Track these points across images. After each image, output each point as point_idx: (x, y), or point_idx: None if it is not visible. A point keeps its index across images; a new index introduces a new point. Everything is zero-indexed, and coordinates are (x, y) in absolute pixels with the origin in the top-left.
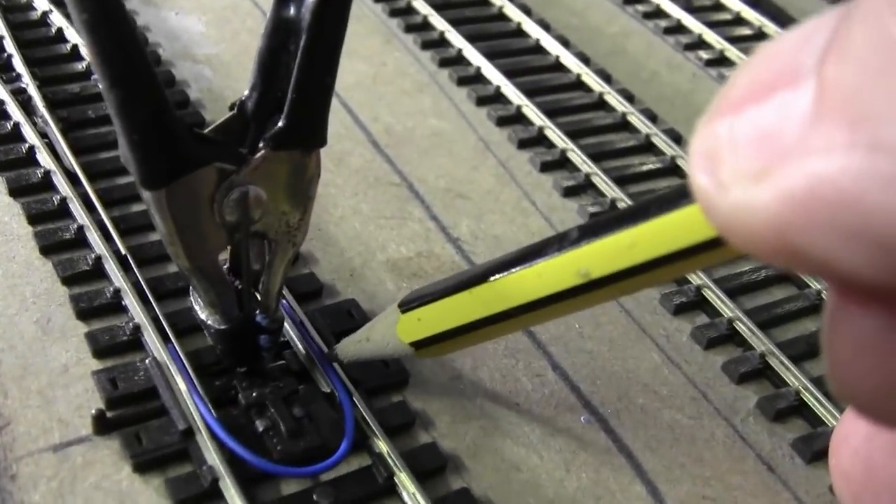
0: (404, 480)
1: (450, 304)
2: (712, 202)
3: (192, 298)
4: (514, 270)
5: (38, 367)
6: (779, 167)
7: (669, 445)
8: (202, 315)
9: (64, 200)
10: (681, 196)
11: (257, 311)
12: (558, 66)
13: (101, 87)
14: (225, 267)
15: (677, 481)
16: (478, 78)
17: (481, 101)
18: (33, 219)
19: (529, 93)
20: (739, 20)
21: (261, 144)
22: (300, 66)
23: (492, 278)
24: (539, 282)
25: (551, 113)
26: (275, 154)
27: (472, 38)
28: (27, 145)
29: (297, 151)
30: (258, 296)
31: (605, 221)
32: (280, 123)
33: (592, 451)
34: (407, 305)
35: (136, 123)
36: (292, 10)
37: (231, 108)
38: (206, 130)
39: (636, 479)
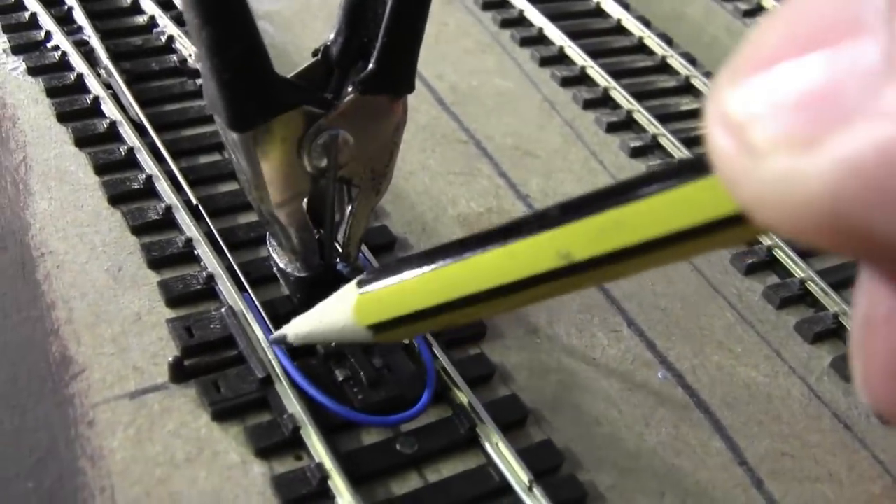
0: (487, 431)
1: (415, 283)
2: (740, 172)
3: (269, 247)
4: (487, 249)
5: (110, 314)
6: (838, 132)
7: (746, 402)
8: (281, 263)
9: (131, 150)
10: (681, 170)
11: (337, 260)
12: (620, 29)
13: (191, 26)
14: None
15: (756, 437)
16: (540, 39)
17: (545, 62)
18: (100, 168)
19: (593, 54)
20: None
21: (349, 89)
22: (392, 11)
23: (460, 257)
24: (514, 262)
25: (615, 75)
26: (363, 99)
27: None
28: (91, 96)
29: (385, 97)
30: (339, 244)
31: (592, 197)
32: (369, 67)
33: (670, 407)
34: (366, 284)
35: (228, 63)
36: None
37: (314, 53)
38: (290, 76)
39: (715, 435)
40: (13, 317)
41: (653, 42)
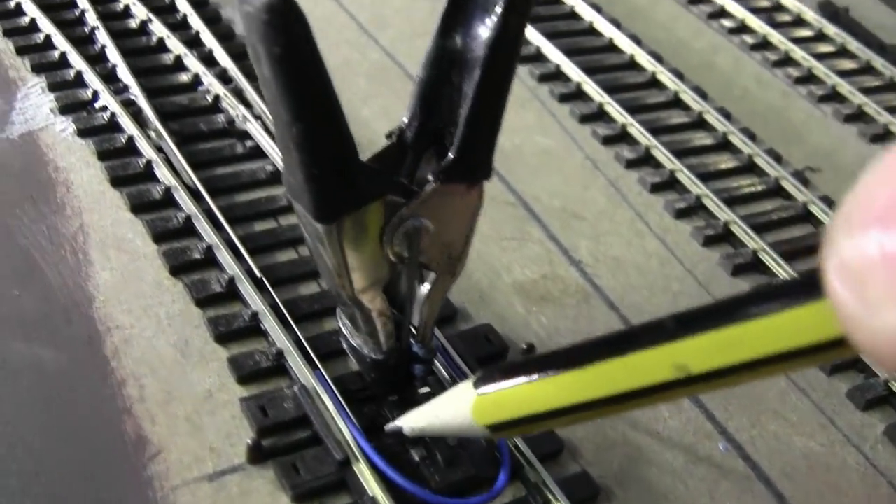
0: None
1: (533, 389)
2: (857, 322)
3: (339, 324)
4: (605, 359)
5: (182, 392)
6: None
7: (805, 473)
8: (354, 342)
9: (189, 218)
10: (794, 291)
11: (412, 341)
12: (655, 83)
13: (278, 120)
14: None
15: None
16: (579, 94)
17: (584, 119)
18: (158, 237)
19: (631, 110)
20: (822, 36)
21: (429, 177)
22: (474, 100)
23: (578, 366)
24: (633, 373)
25: (655, 132)
26: (444, 186)
27: (568, 53)
28: (144, 160)
29: (464, 184)
30: (414, 326)
31: (705, 313)
32: (450, 156)
33: (733, 479)
34: (483, 385)
35: (318, 157)
36: (458, 41)
37: (388, 136)
38: (366, 160)
39: None
40: (85, 394)
41: (688, 97)
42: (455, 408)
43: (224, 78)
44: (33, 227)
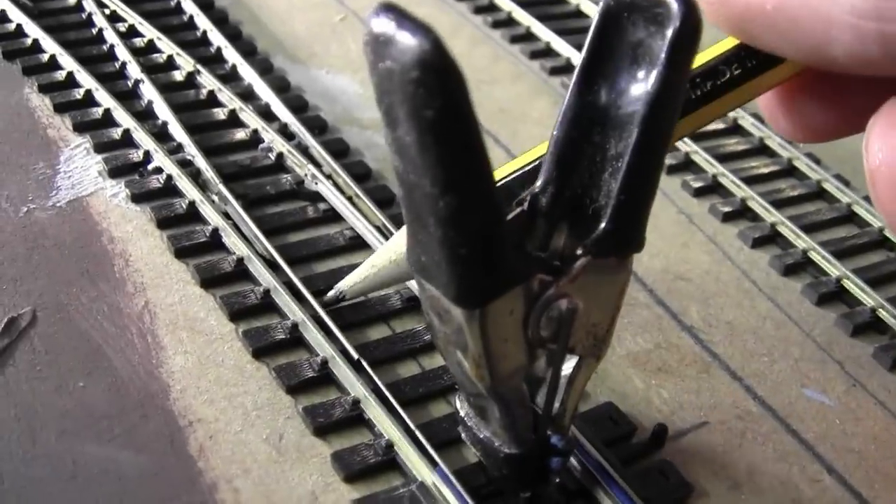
0: None
1: None
2: None
3: (464, 416)
4: None
5: (282, 495)
6: None
7: None
8: (482, 435)
9: (267, 293)
10: None
11: (549, 433)
12: (737, 129)
13: (417, 191)
14: None
15: None
16: None
17: (672, 170)
18: (235, 315)
19: (719, 158)
20: None
21: (579, 251)
22: (631, 165)
23: None
24: None
25: (747, 181)
26: (593, 261)
27: None
28: (210, 227)
29: (616, 257)
30: (553, 415)
31: None
32: (603, 227)
33: None
34: None
35: (467, 236)
36: (603, 97)
37: (518, 203)
38: None
39: None
40: (173, 501)
41: (773, 143)
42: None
43: (285, 133)
44: (93, 308)
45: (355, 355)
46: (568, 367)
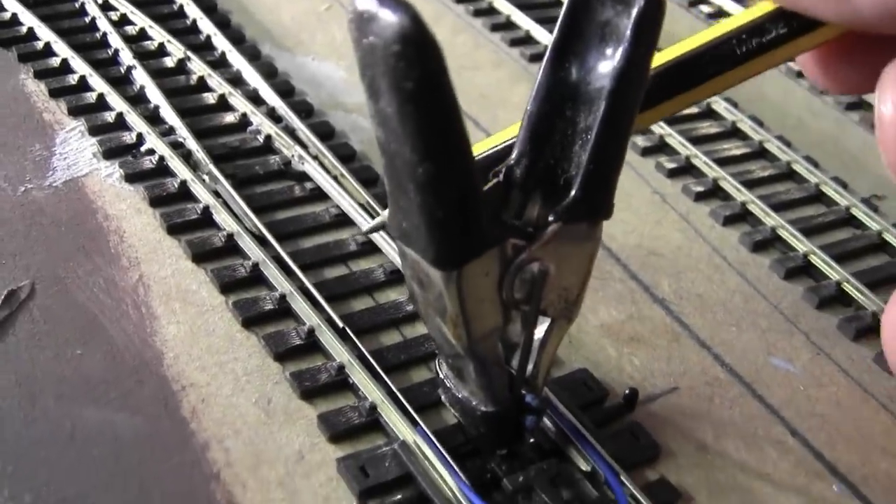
0: None
1: None
2: None
3: (442, 378)
4: None
5: (270, 454)
6: None
7: None
8: (461, 395)
9: (257, 266)
10: None
11: (523, 392)
12: (710, 113)
13: (398, 159)
14: None
15: None
16: (644, 130)
17: (647, 152)
18: (225, 287)
19: (693, 141)
20: None
21: (551, 218)
22: (599, 136)
23: None
24: None
25: (720, 162)
26: (566, 227)
27: None
28: (201, 205)
29: (585, 224)
30: (527, 375)
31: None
32: (573, 194)
33: None
34: None
35: (444, 201)
36: (573, 73)
37: (494, 175)
38: None
39: None
40: (166, 461)
41: (745, 126)
42: None
43: (273, 116)
44: (89, 281)
45: (340, 324)
46: (541, 330)
